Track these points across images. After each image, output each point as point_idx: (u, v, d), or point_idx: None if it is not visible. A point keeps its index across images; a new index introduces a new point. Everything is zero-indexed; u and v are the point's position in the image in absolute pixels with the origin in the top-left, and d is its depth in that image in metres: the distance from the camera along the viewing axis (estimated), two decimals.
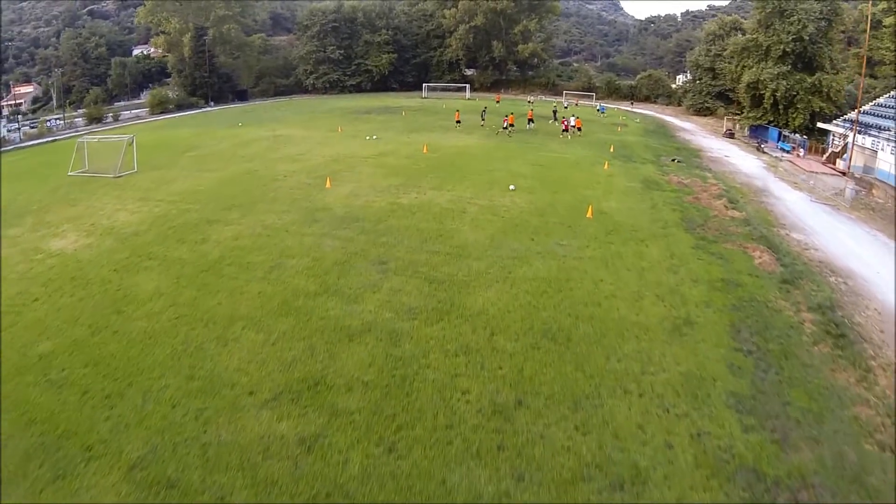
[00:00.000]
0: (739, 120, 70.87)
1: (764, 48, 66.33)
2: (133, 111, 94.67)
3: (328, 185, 33.89)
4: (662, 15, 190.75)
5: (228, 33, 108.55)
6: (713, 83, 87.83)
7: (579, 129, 58.81)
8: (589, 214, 29.10)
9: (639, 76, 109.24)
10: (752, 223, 30.03)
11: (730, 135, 69.21)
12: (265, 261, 22.92)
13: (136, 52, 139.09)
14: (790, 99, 64.08)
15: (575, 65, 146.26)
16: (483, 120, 59.70)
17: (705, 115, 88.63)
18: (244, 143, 50.12)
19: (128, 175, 39.59)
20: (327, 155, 43.37)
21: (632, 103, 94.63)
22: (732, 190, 38.18)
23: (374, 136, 51.37)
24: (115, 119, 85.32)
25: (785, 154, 57.45)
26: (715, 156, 53.41)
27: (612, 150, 48.69)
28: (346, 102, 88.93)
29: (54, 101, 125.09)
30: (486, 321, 18.07)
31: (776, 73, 63.62)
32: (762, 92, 65.10)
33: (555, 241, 25.28)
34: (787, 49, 63.50)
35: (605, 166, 41.20)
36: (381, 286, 20.36)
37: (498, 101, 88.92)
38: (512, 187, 33.37)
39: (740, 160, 52.15)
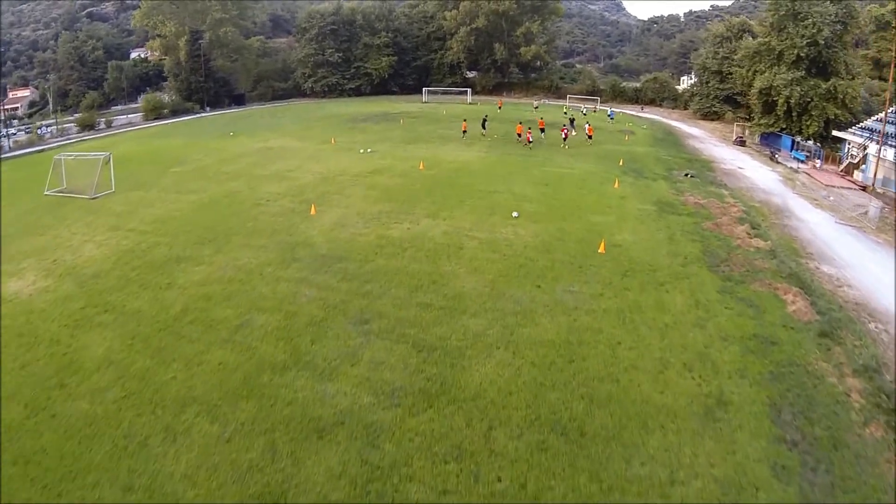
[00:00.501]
0: (750, 127, 67.55)
1: (776, 52, 62.95)
2: (128, 116, 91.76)
3: (313, 211, 30.82)
4: (665, 15, 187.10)
5: (225, 36, 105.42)
6: (721, 87, 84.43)
7: (590, 136, 56.35)
8: (601, 249, 25.98)
9: (644, 79, 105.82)
10: (778, 255, 26.92)
11: (740, 142, 65.88)
12: (232, 316, 19.86)
13: (133, 55, 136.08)
14: (804, 106, 60.82)
15: (578, 66, 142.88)
16: (484, 129, 56.43)
17: (713, 120, 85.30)
18: (232, 158, 47.06)
19: (105, 196, 36.76)
20: (317, 172, 40.28)
21: (642, 108, 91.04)
22: (752, 210, 35.01)
23: (369, 149, 48.24)
24: (108, 126, 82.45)
25: (800, 164, 54.15)
26: (728, 168, 50.18)
27: (621, 163, 45.49)
28: (343, 108, 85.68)
29: (50, 106, 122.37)
30: (484, 408, 14.98)
31: (790, 78, 60.34)
32: (775, 98, 61.75)
33: (564, 286, 22.14)
34: (802, 54, 60.20)
35: (616, 185, 38.03)
36: (361, 356, 17.26)
37: (500, 107, 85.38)
38: (515, 214, 30.24)
39: (755, 172, 48.90)
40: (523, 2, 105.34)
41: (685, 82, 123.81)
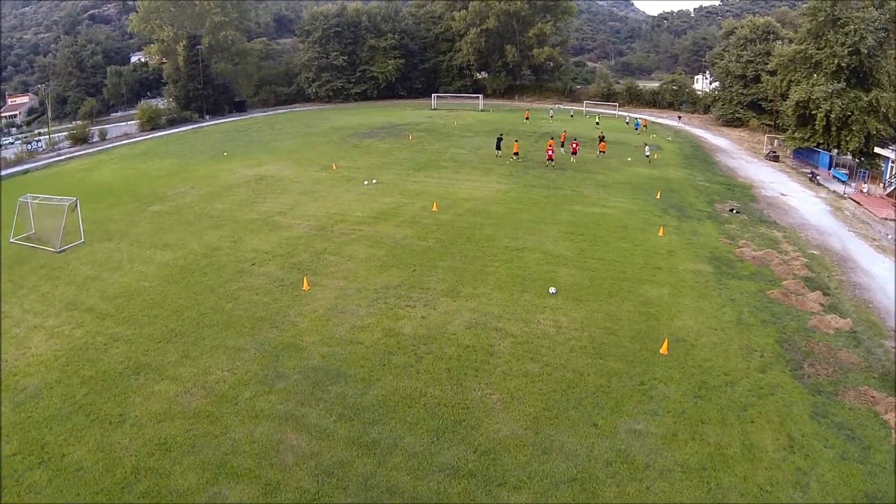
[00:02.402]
0: (784, 140, 61.15)
1: (814, 61, 56.51)
2: (127, 124, 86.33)
3: (305, 285, 25.00)
4: (675, 11, 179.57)
5: (225, 40, 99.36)
6: (745, 92, 78.30)
7: (602, 152, 52.51)
8: (664, 349, 20.11)
9: (661, 82, 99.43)
10: (862, 340, 21.63)
11: (773, 157, 59.81)
12: (195, 485, 14.30)
13: (133, 59, 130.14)
14: (843, 120, 54.45)
15: (589, 64, 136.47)
16: (499, 150, 50.44)
17: (736, 127, 79.26)
18: (219, 192, 41.29)
19: (73, 248, 31.09)
20: (312, 217, 34.47)
21: (679, 118, 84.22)
22: (814, 263, 29.61)
23: (374, 181, 42.32)
24: (102, 138, 77.20)
25: (845, 188, 48.08)
26: (770, 195, 44.26)
27: (658, 196, 39.56)
28: (348, 118, 79.68)
29: (49, 113, 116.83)
30: None
31: (830, 90, 53.88)
32: (813, 112, 55.35)
33: (628, 423, 16.44)
34: (843, 63, 53.75)
35: (661, 232, 32.07)
36: None
37: (527, 118, 78.71)
38: (552, 290, 24.34)
39: (799, 201, 43.08)
40: (535, 2, 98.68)
41: (700, 81, 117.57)
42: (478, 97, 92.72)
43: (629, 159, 48.31)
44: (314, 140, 61.24)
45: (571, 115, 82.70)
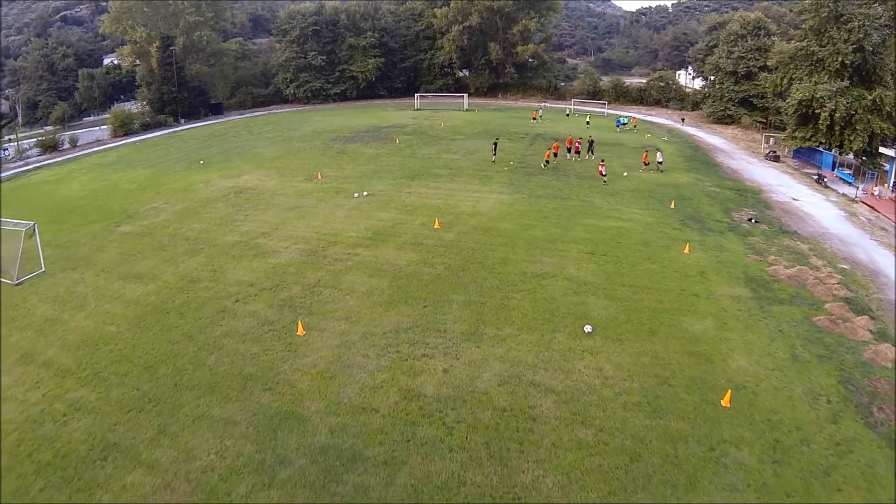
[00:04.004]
0: (784, 140, 58.29)
1: (816, 58, 53.59)
2: (100, 129, 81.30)
3: (300, 331, 21.15)
4: (653, 7, 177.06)
5: (200, 41, 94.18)
6: (736, 89, 75.29)
7: (577, 152, 50.23)
8: (726, 402, 16.95)
9: (648, 78, 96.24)
10: None
11: (774, 157, 57.02)
12: None
13: (106, 61, 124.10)
14: (847, 119, 51.65)
15: (569, 61, 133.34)
16: (495, 154, 46.81)
17: (728, 124, 76.42)
18: (195, 208, 37.22)
19: (32, 279, 27.01)
20: (301, 239, 30.60)
21: (682, 119, 79.43)
22: (849, 279, 27.08)
23: (365, 192, 38.45)
24: (73, 145, 72.15)
25: (856, 192, 45.35)
26: (781, 200, 41.47)
27: (673, 206, 36.35)
28: (329, 120, 75.35)
29: (19, 119, 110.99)
30: None
31: (834, 89, 51.02)
32: (816, 111, 52.43)
33: None
34: (846, 61, 50.92)
35: (686, 249, 28.79)
36: None
37: (535, 118, 74.47)
38: (588, 329, 20.84)
39: (812, 206, 40.47)
40: None
41: (682, 77, 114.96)
42: (462, 96, 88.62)
43: (625, 174, 43.97)
44: (296, 146, 57.00)
45: (567, 115, 78.66)
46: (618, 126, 70.31)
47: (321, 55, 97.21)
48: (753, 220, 35.49)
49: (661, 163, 47.40)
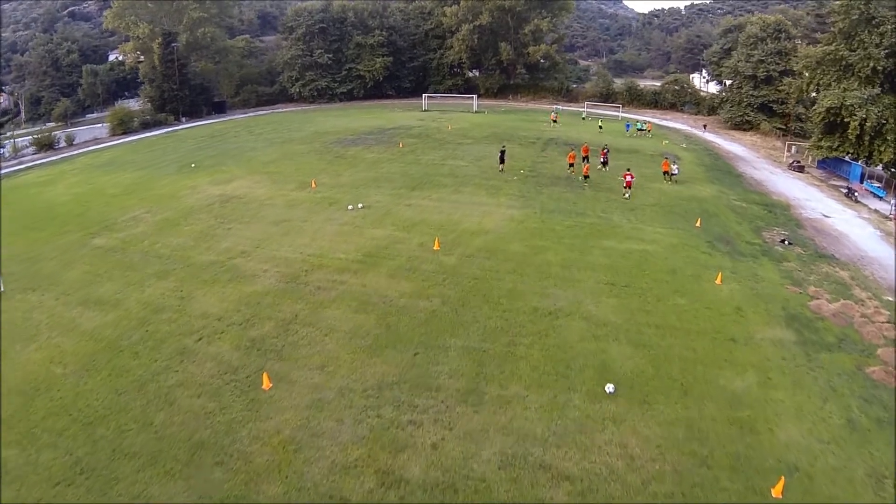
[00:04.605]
0: (809, 149, 54.26)
1: (845, 63, 49.57)
2: (94, 130, 77.93)
3: (266, 383, 17.50)
4: (666, 8, 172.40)
5: (204, 38, 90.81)
6: (755, 93, 71.12)
7: (605, 162, 45.27)
8: (777, 493, 13.66)
9: (663, 81, 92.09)
10: None
11: (798, 168, 53.03)
12: None
13: (111, 57, 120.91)
14: (878, 128, 47.61)
15: (581, 62, 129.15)
16: (502, 164, 43.04)
17: (746, 130, 72.37)
18: (177, 219, 33.79)
19: None
20: (283, 261, 27.03)
21: (705, 126, 73.39)
22: None
23: (360, 205, 34.79)
24: (70, 143, 68.97)
25: (882, 202, 41.72)
26: (812, 217, 37.74)
27: (699, 224, 32.56)
28: (332, 121, 71.75)
29: (22, 115, 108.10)
30: None
31: (865, 96, 46.95)
32: (846, 119, 48.37)
33: None
34: (878, 67, 46.84)
35: (718, 279, 25.02)
36: None
37: (555, 121, 69.84)
38: (610, 389, 17.13)
39: (845, 224, 36.76)
40: None
41: (696, 80, 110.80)
42: (471, 97, 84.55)
43: (625, 196, 37.61)
44: (294, 149, 53.44)
45: (584, 118, 73.98)
46: (627, 130, 66.33)
47: (328, 53, 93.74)
48: (787, 242, 31.80)
49: (674, 174, 43.34)
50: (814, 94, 53.42)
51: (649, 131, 66.15)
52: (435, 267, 25.63)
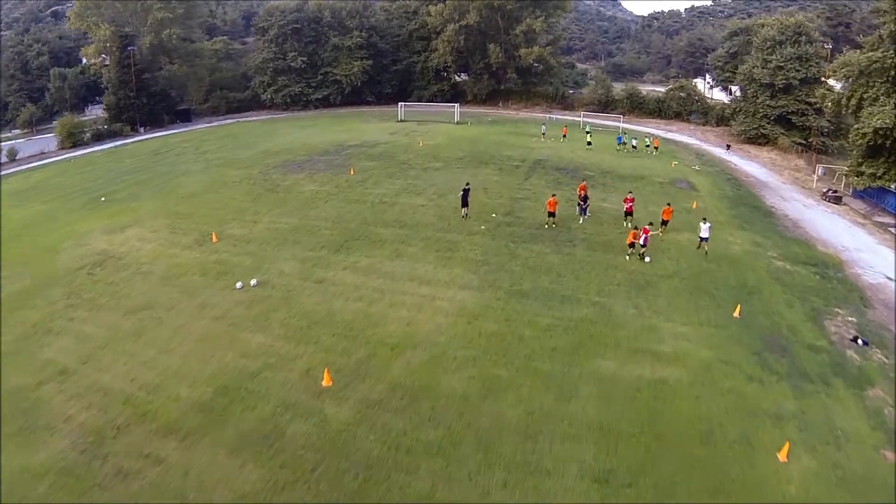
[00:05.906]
0: (847, 175, 42.91)
1: (893, 75, 38.34)
2: (42, 142, 67.39)
3: None
4: (666, 11, 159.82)
5: (170, 40, 79.61)
6: (772, 104, 59.65)
7: (629, 212, 31.10)
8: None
9: (667, 88, 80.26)
10: None
11: (835, 199, 41.71)
12: None
13: (84, 60, 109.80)
14: None
15: (578, 66, 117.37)
16: (465, 207, 31.59)
17: (762, 145, 60.94)
18: (21, 298, 23.53)
19: None
20: (100, 398, 16.60)
21: (728, 147, 60.05)
22: None
23: (254, 281, 23.72)
24: (12, 159, 59.09)
25: None
26: (876, 283, 26.78)
27: (737, 314, 21.24)
28: (295, 134, 60.74)
29: None
30: None
31: None
32: None
33: None
34: None
35: (783, 454, 13.96)
36: None
37: (565, 135, 58.66)
38: None
39: None
40: None
41: (700, 85, 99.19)
42: (453, 106, 72.69)
43: (628, 255, 26.46)
44: (228, 175, 42.38)
45: (588, 132, 58.96)
46: (618, 144, 54.90)
47: (302, 56, 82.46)
48: (860, 342, 20.75)
49: (704, 239, 27.75)
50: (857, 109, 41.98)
51: (656, 148, 54.56)
52: (308, 433, 14.62)
